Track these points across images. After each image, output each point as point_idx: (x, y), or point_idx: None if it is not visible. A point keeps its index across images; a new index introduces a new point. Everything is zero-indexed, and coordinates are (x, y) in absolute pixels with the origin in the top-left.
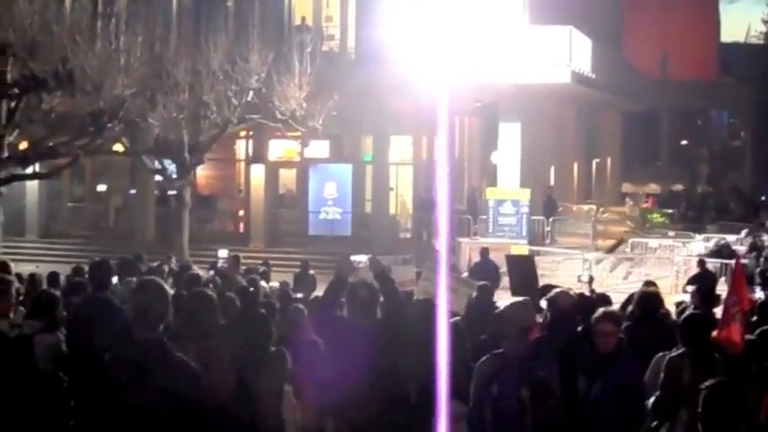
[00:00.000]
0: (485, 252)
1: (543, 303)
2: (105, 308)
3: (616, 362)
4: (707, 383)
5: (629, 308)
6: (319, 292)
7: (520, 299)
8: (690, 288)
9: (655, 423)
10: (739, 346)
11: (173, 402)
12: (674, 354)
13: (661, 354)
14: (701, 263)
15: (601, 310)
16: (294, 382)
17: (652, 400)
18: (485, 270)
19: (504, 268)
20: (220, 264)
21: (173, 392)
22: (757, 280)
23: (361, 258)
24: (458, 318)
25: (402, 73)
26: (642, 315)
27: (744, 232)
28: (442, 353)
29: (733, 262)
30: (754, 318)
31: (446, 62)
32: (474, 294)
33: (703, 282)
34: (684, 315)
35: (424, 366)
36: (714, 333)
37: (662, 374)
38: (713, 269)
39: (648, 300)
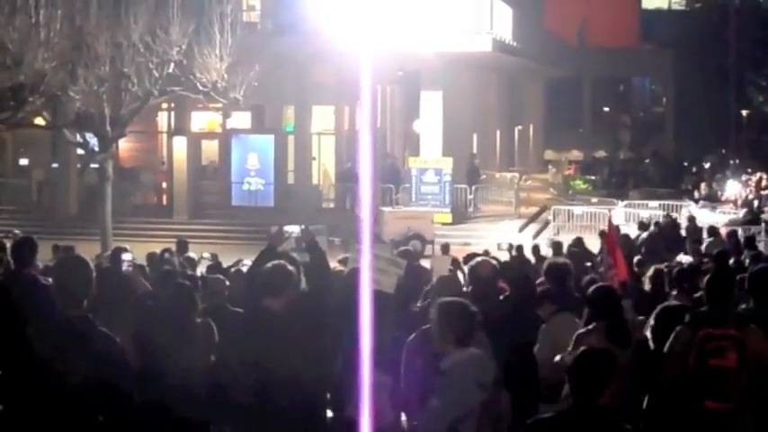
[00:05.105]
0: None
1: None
2: (29, 283)
3: None
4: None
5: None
6: None
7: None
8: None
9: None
10: None
11: (97, 376)
12: (582, 331)
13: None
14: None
15: None
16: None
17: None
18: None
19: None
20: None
21: (97, 366)
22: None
23: (293, 229)
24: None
25: (323, 42)
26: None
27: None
28: (367, 322)
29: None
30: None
31: (367, 31)
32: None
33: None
34: (593, 288)
35: (350, 337)
36: None
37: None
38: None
39: (558, 271)
